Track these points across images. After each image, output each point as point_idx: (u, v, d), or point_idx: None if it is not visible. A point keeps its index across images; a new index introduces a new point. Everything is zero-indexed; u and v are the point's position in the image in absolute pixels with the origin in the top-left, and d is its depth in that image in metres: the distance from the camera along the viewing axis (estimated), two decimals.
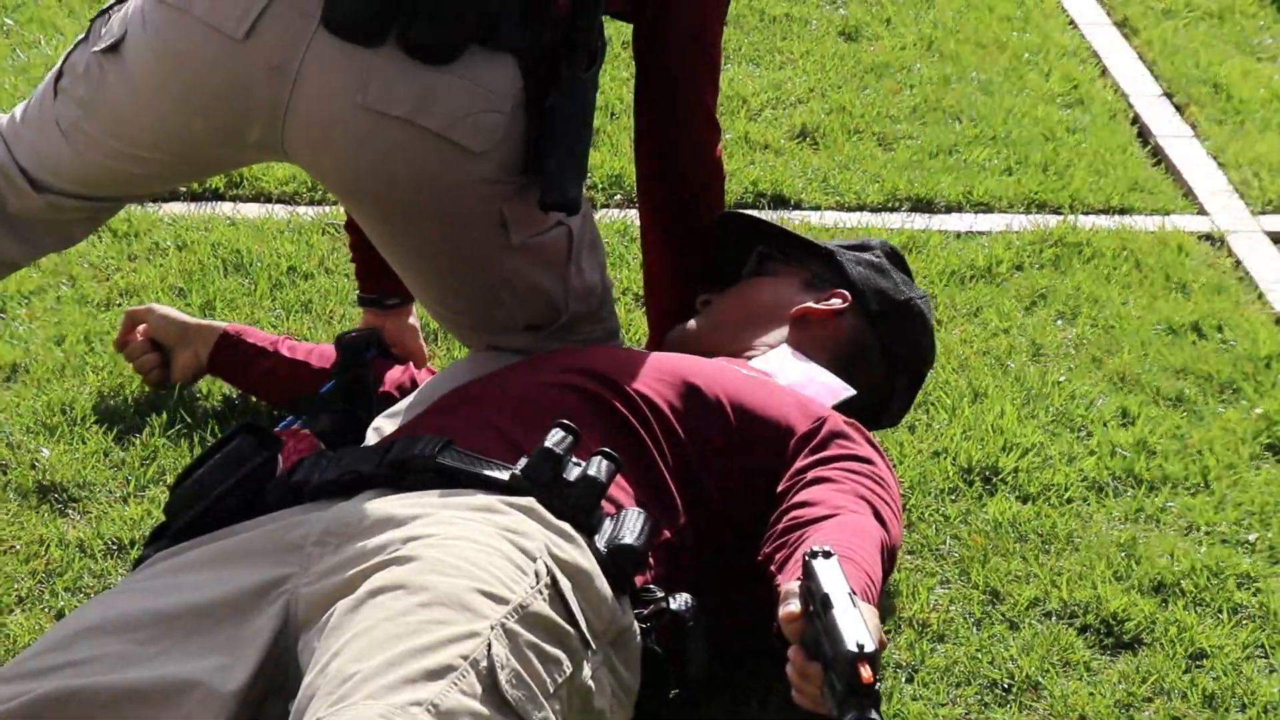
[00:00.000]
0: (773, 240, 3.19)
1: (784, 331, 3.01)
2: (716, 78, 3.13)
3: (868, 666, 2.00)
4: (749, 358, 2.97)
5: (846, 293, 3.03)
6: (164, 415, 3.24)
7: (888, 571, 2.53)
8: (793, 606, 2.14)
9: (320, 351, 3.29)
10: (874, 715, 2.00)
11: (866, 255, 3.11)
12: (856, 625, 2.04)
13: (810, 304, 3.02)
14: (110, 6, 2.85)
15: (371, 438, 2.81)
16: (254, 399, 3.34)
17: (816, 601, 2.09)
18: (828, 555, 2.14)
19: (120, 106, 2.82)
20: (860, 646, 2.01)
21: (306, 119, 2.73)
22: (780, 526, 2.51)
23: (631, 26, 3.09)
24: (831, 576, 2.10)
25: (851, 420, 2.77)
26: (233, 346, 3.28)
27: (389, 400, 3.13)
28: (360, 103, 2.70)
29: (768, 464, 2.65)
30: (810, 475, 2.60)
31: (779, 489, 2.60)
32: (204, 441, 3.12)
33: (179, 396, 3.30)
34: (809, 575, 2.12)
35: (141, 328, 3.29)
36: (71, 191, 2.93)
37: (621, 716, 2.38)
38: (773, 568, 2.45)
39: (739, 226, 3.22)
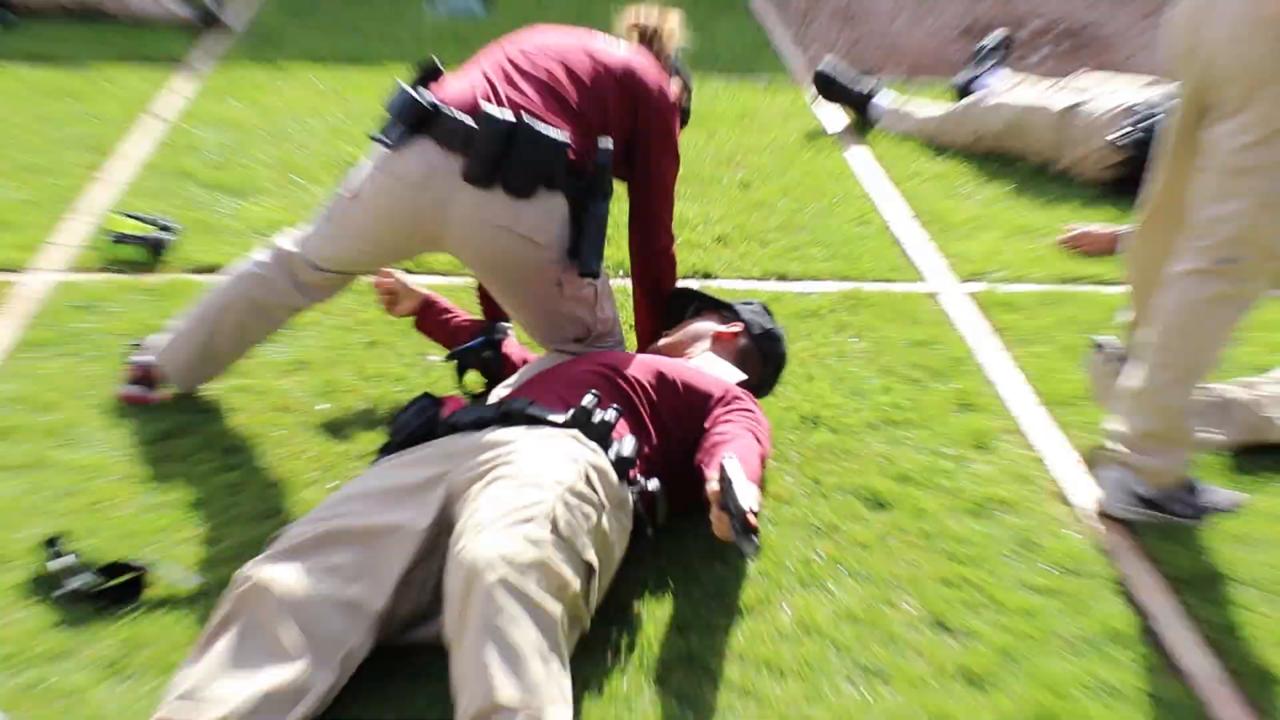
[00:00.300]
0: (702, 299, 3.24)
1: (708, 344, 3.06)
2: (671, 208, 3.14)
3: (752, 515, 2.14)
4: (689, 358, 3.02)
5: (741, 324, 3.10)
6: (385, 389, 3.27)
7: (763, 468, 2.63)
8: (714, 485, 2.27)
9: (475, 321, 3.28)
10: (755, 539, 2.13)
11: (751, 306, 3.17)
12: (747, 495, 2.19)
13: (721, 330, 3.08)
14: (355, 168, 2.90)
15: (493, 398, 2.84)
16: (437, 391, 3.31)
17: (726, 482, 2.22)
18: (731, 459, 2.27)
19: (359, 225, 2.87)
20: (749, 506, 2.15)
21: (455, 229, 2.78)
22: (706, 445, 2.60)
23: (627, 182, 3.10)
24: (734, 470, 2.23)
25: (744, 390, 2.84)
26: (429, 306, 3.28)
27: (511, 366, 3.14)
28: (482, 219, 2.75)
29: (699, 413, 2.72)
30: (722, 419, 2.68)
31: (705, 426, 2.68)
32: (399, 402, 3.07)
33: (391, 386, 3.30)
34: (723, 469, 2.25)
35: (387, 281, 3.29)
36: (335, 270, 2.98)
37: (622, 546, 2.44)
38: (702, 466, 2.52)
39: (685, 293, 3.26)
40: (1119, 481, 2.87)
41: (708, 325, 3.11)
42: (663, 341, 3.14)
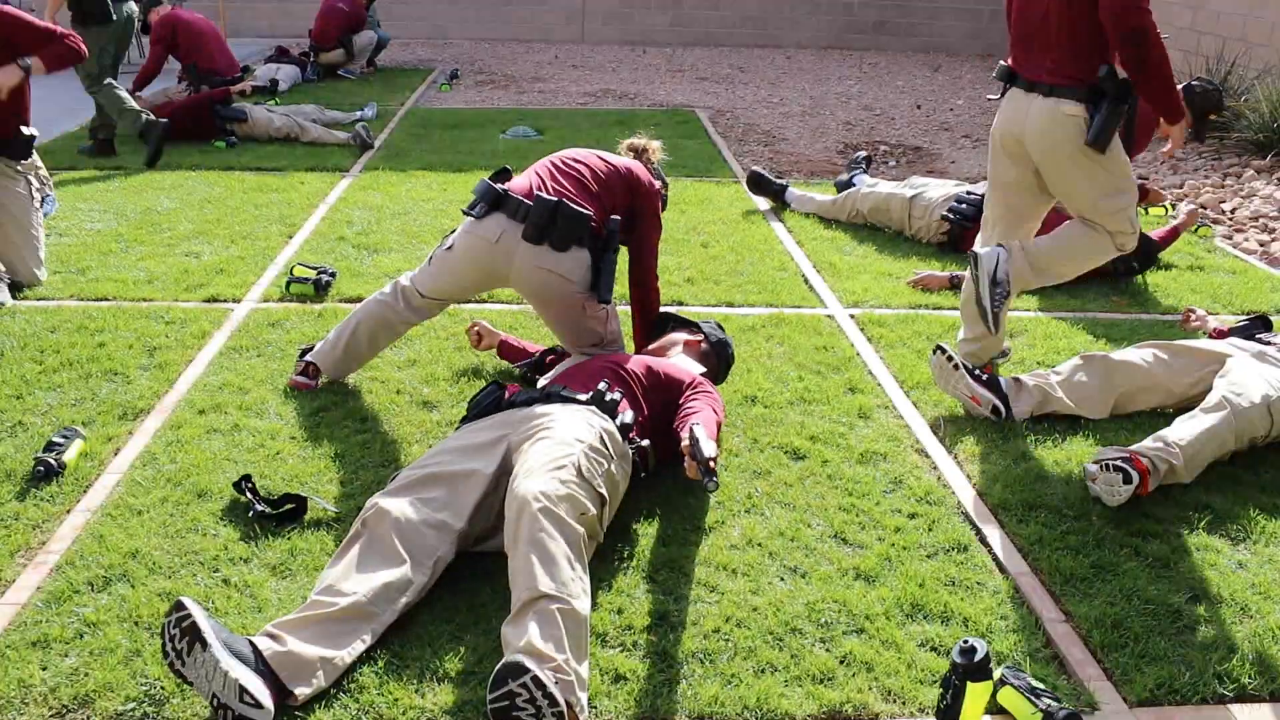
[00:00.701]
0: (677, 319, 3.06)
1: (680, 348, 2.88)
2: (655, 259, 2.97)
3: (713, 462, 2.01)
4: (669, 357, 2.85)
5: (702, 335, 2.93)
6: (468, 378, 3.10)
7: (719, 431, 2.45)
8: (686, 443, 2.13)
9: (528, 346, 3.15)
10: (715, 480, 2.01)
11: (710, 324, 2.99)
12: (709, 448, 2.04)
13: (689, 339, 2.91)
14: (450, 233, 2.80)
15: (540, 385, 2.70)
16: (502, 380, 3.17)
17: (694, 440, 2.08)
18: (698, 425, 2.15)
19: (452, 267, 2.75)
20: (711, 455, 2.01)
21: (517, 271, 2.67)
22: (679, 415, 2.44)
23: (627, 245, 2.95)
24: (700, 431, 2.11)
25: (706, 378, 2.71)
26: (504, 342, 3.14)
27: (553, 364, 3.02)
28: (534, 264, 2.64)
29: (676, 393, 2.56)
30: (690, 398, 2.52)
31: (679, 403, 2.52)
32: (475, 388, 3.01)
33: (471, 377, 3.13)
34: (691, 431, 2.13)
35: (475, 328, 3.16)
36: (435, 298, 2.85)
37: (624, 485, 2.30)
38: (678, 430, 2.38)
39: (666, 315, 3.08)
40: (1001, 252, 2.90)
41: (680, 336, 2.94)
42: (652, 346, 2.97)
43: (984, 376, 2.91)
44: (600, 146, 3.06)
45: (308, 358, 2.99)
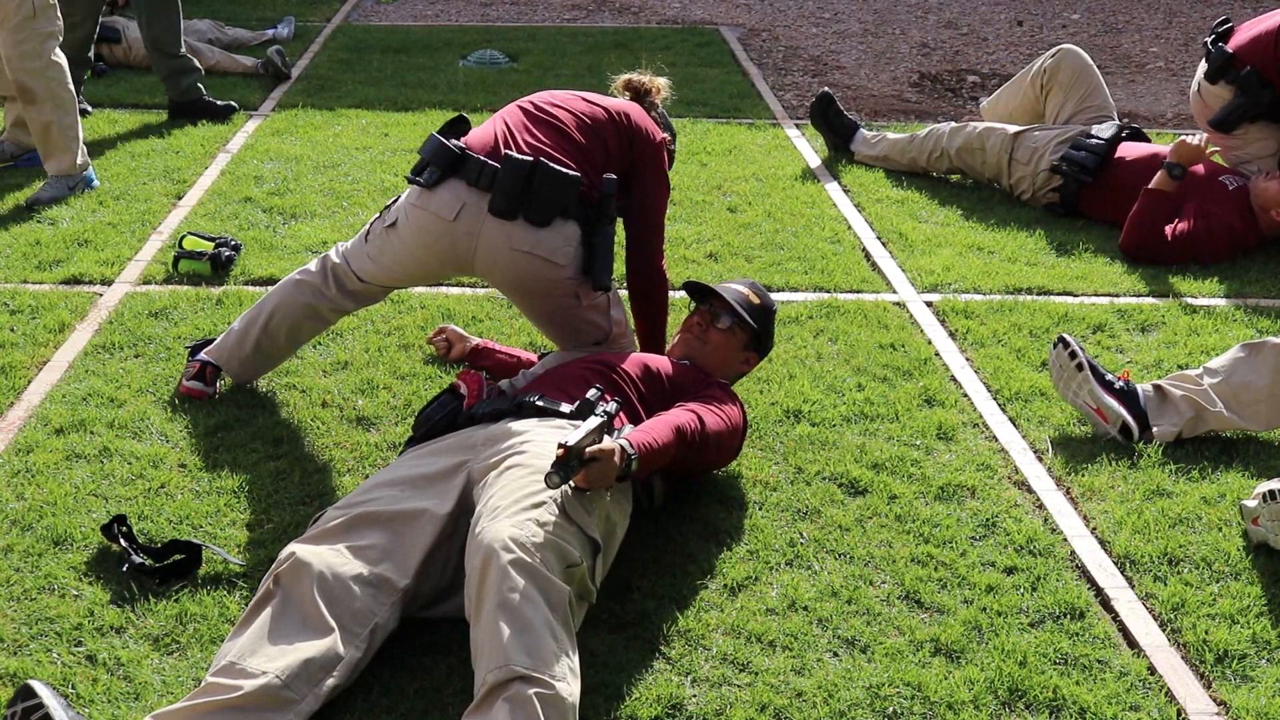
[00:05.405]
0: (706, 290, 2.92)
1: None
2: (661, 232, 2.97)
3: (561, 449, 2.07)
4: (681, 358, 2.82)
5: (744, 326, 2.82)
6: (416, 387, 3.13)
7: (689, 441, 2.37)
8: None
9: (515, 354, 3.19)
10: (559, 476, 2.06)
11: (738, 286, 2.90)
12: (575, 435, 2.09)
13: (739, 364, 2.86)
14: (392, 201, 2.85)
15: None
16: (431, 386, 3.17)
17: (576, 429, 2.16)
18: (612, 416, 2.24)
19: (396, 252, 2.80)
20: (571, 443, 2.07)
21: (484, 255, 2.71)
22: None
23: (622, 213, 2.93)
24: (593, 422, 2.16)
25: (722, 382, 2.72)
26: (477, 349, 3.18)
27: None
28: (507, 246, 2.68)
29: (679, 403, 2.57)
30: (683, 403, 2.54)
31: None
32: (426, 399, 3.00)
33: (421, 384, 3.17)
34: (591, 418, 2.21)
35: (442, 335, 3.24)
36: (375, 283, 2.91)
37: (623, 525, 2.32)
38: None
39: (696, 286, 2.97)
40: None
41: (733, 349, 2.82)
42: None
43: (1118, 384, 2.92)
44: (590, 78, 3.08)
45: (203, 356, 3.01)
